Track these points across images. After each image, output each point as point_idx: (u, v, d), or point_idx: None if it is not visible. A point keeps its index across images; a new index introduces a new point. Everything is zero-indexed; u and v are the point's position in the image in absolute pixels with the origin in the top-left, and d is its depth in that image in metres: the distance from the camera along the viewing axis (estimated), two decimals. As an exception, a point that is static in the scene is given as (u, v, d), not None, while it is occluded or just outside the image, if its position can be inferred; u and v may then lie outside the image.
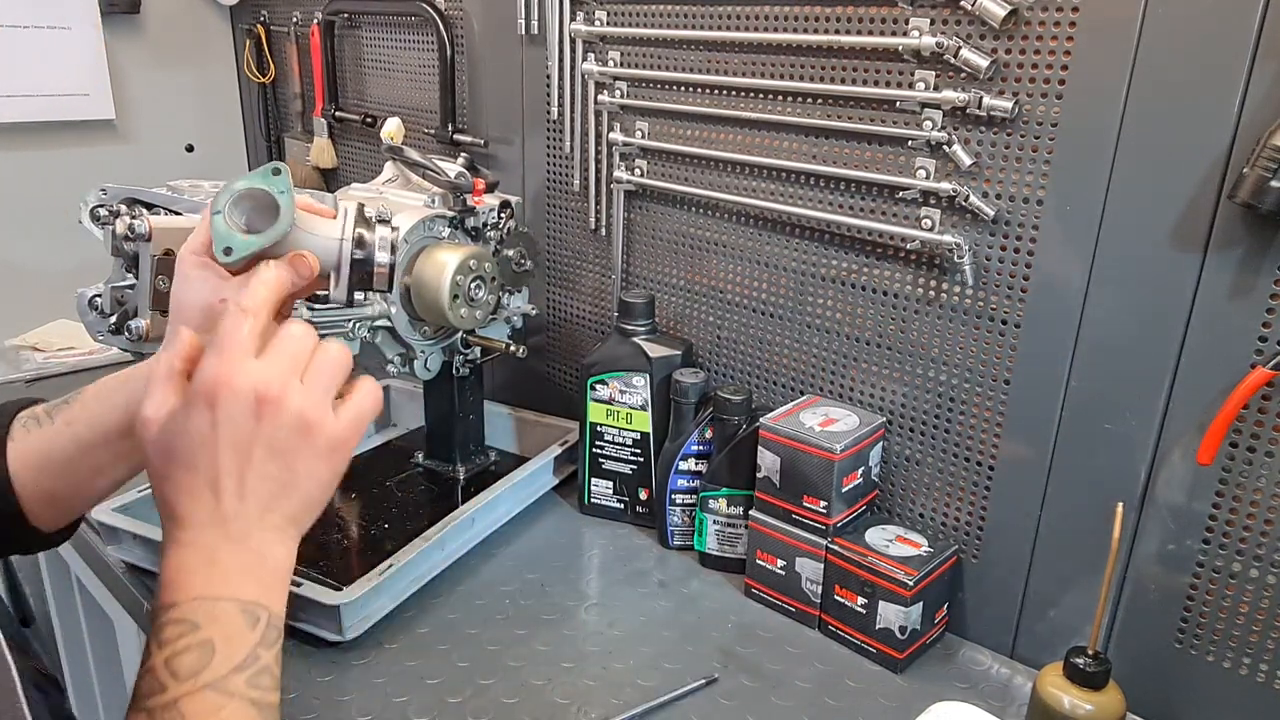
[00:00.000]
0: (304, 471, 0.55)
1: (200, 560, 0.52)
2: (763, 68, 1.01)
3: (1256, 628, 0.77)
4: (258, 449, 0.54)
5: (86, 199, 0.94)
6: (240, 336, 0.54)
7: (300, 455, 0.55)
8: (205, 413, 0.53)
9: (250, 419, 0.53)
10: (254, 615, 0.52)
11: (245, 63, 1.89)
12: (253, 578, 0.53)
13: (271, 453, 0.54)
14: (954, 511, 0.95)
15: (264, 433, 0.54)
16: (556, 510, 1.19)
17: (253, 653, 0.51)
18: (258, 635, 0.52)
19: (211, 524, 0.53)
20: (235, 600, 0.52)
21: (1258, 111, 0.69)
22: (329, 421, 0.56)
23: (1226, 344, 0.74)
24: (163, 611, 0.51)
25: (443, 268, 1.00)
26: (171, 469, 0.54)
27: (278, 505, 0.55)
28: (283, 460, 0.54)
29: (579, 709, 0.84)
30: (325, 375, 0.57)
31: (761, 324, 1.10)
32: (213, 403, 0.53)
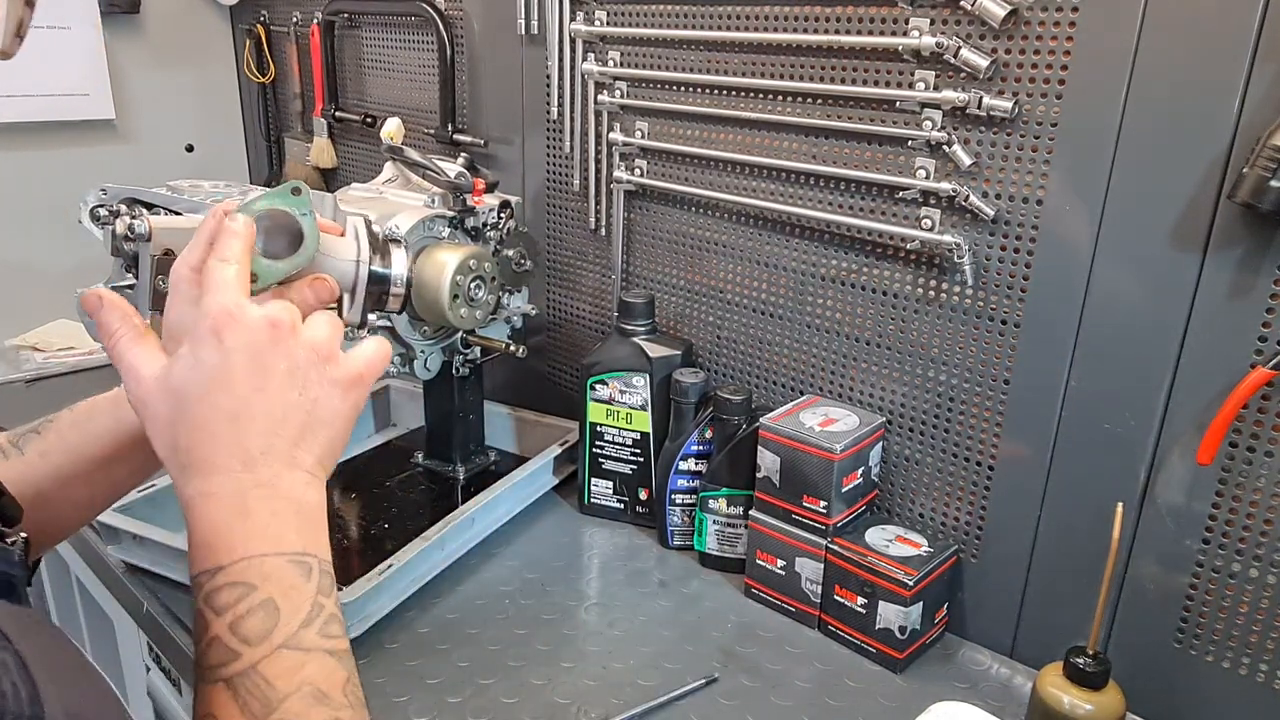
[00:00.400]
0: (324, 401, 0.53)
1: (233, 513, 0.50)
2: (763, 68, 1.01)
3: (1256, 628, 0.77)
4: (276, 375, 0.51)
5: (86, 199, 0.94)
6: (228, 276, 0.52)
7: (319, 382, 0.53)
8: (213, 343, 0.50)
9: (266, 342, 0.51)
10: (305, 565, 0.50)
11: (245, 63, 1.89)
12: (292, 527, 0.51)
13: (290, 378, 0.52)
14: (954, 511, 0.95)
15: (280, 355, 0.51)
16: (556, 510, 1.19)
17: (315, 603, 0.50)
18: (314, 585, 0.50)
19: (238, 466, 0.50)
20: (282, 554, 0.50)
21: (1258, 111, 0.69)
22: (342, 355, 0.55)
23: (1226, 344, 0.74)
24: (209, 576, 0.48)
25: (443, 268, 1.00)
26: (186, 411, 0.50)
27: (303, 442, 0.52)
28: (301, 387, 0.52)
29: (579, 709, 0.84)
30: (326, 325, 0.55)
31: (761, 324, 1.10)
32: (219, 331, 0.50)
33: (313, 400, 0.53)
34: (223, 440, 0.50)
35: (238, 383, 0.50)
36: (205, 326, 0.51)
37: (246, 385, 0.51)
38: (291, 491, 0.52)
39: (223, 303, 0.51)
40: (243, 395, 0.50)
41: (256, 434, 0.51)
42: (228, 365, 0.50)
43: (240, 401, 0.50)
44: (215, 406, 0.50)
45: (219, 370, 0.50)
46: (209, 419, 0.50)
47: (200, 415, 0.50)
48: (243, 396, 0.50)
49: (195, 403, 0.50)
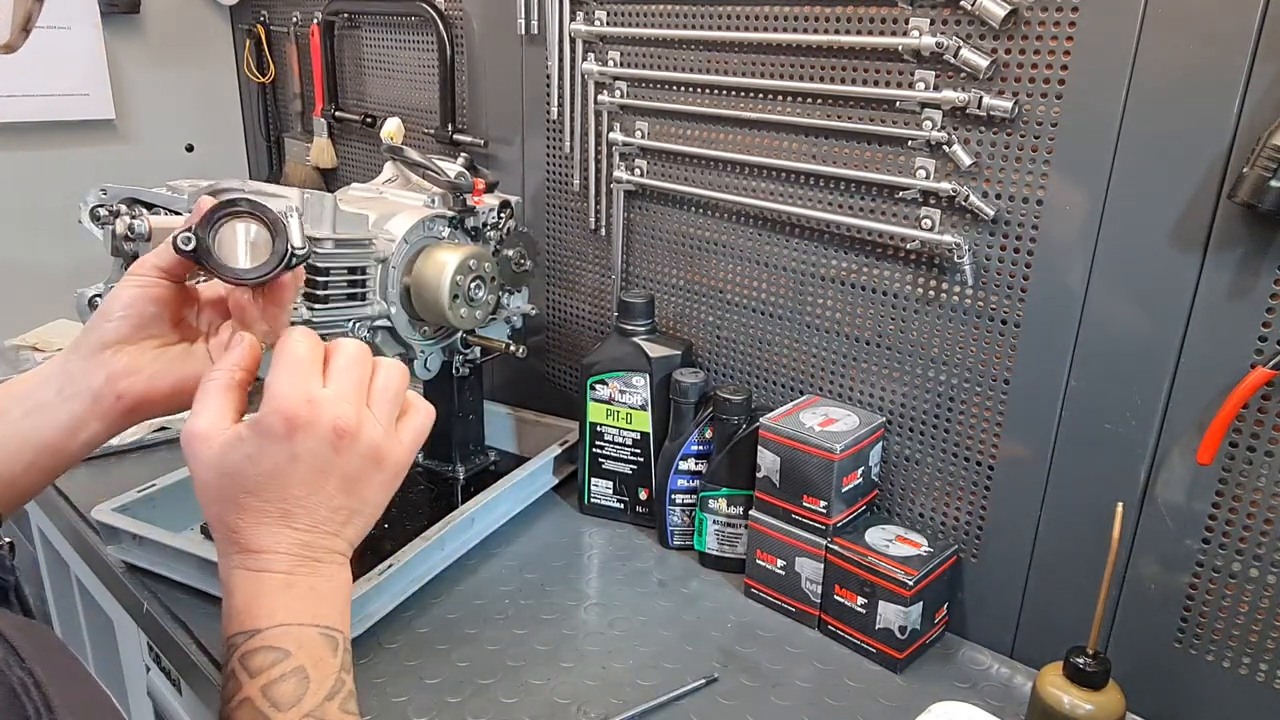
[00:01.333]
0: (370, 499, 0.56)
1: (276, 586, 0.52)
2: (763, 68, 1.01)
3: (1256, 627, 0.77)
4: (332, 481, 0.53)
5: (86, 199, 0.94)
6: (303, 355, 0.54)
7: (370, 484, 0.55)
8: (283, 444, 0.52)
9: (329, 452, 0.53)
10: (333, 640, 0.52)
11: (245, 63, 1.89)
12: (326, 602, 0.53)
13: (345, 484, 0.54)
14: (954, 511, 0.95)
15: (340, 465, 0.53)
16: (556, 510, 1.19)
17: (339, 678, 0.51)
18: (339, 660, 0.52)
19: (284, 550, 0.52)
20: (316, 626, 0.52)
21: (1258, 111, 0.69)
22: (395, 447, 0.56)
23: (1226, 344, 0.74)
24: (245, 639, 0.50)
25: (442, 268, 1.00)
26: (240, 497, 0.52)
27: (343, 531, 0.55)
28: (354, 490, 0.54)
29: (579, 709, 0.84)
30: (390, 399, 0.57)
31: (761, 324, 1.10)
32: (291, 435, 0.52)
33: (361, 499, 0.55)
34: (271, 530, 0.52)
35: (295, 485, 0.52)
36: (279, 420, 0.52)
37: (303, 488, 0.53)
38: (329, 570, 0.54)
39: (297, 397, 0.52)
40: (298, 497, 0.52)
41: (304, 528, 0.53)
42: (291, 471, 0.52)
43: (294, 502, 0.52)
44: (268, 501, 0.52)
45: (281, 472, 0.52)
46: (260, 510, 0.52)
47: (251, 505, 0.52)
48: (298, 498, 0.52)
49: (248, 494, 0.52)
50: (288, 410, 0.51)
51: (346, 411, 0.53)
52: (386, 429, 0.56)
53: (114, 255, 0.88)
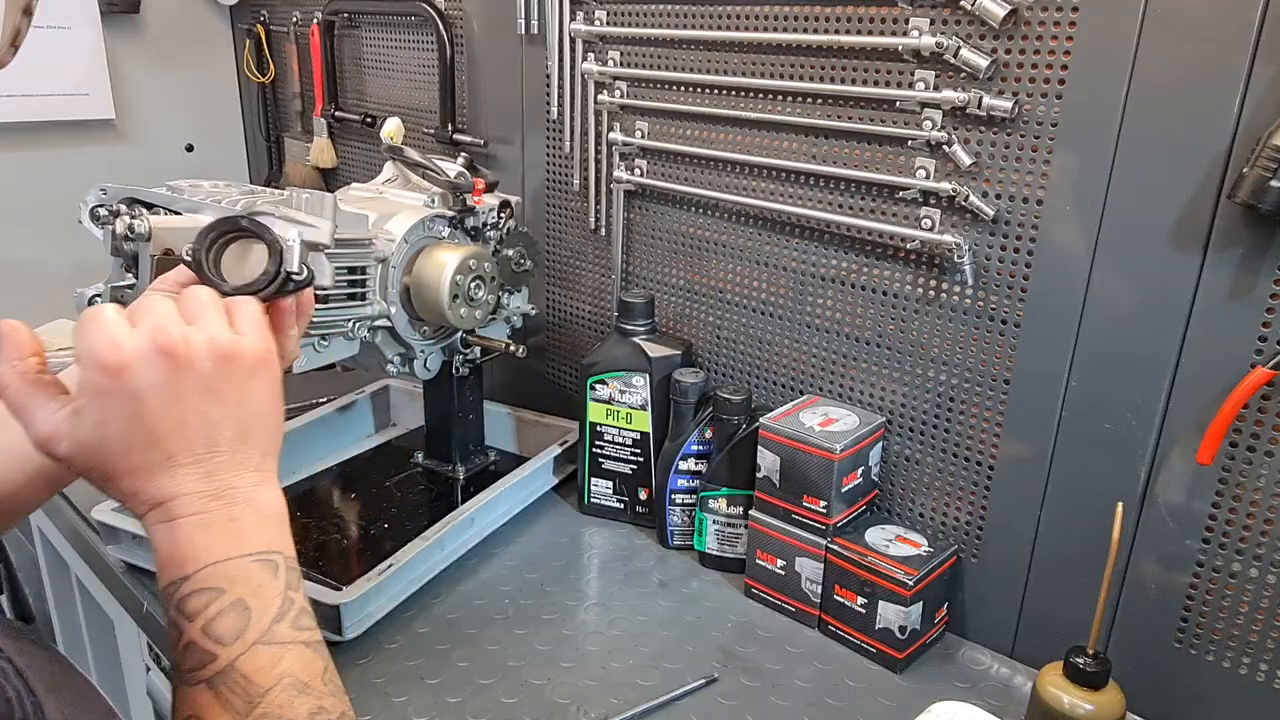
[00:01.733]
0: (249, 399, 0.52)
1: (192, 529, 0.49)
2: (763, 68, 1.01)
3: (1256, 627, 0.77)
4: (191, 399, 0.50)
5: (86, 199, 0.94)
6: (105, 313, 0.50)
7: (235, 383, 0.51)
8: (115, 390, 0.48)
9: (168, 373, 0.49)
10: (271, 563, 0.50)
11: (245, 62, 1.89)
12: (253, 528, 0.51)
13: (207, 395, 0.50)
14: (954, 511, 0.95)
15: (188, 380, 0.50)
16: (556, 510, 1.19)
17: (285, 598, 0.50)
18: (282, 581, 0.50)
19: (188, 489, 0.50)
20: (246, 555, 0.50)
21: (1258, 111, 0.69)
22: (239, 340, 0.52)
23: (1226, 344, 0.74)
24: (176, 587, 0.49)
25: (442, 267, 1.00)
26: (115, 465, 0.49)
27: (242, 446, 0.52)
28: (222, 397, 0.51)
29: (579, 708, 0.84)
30: (204, 306, 0.53)
31: (761, 324, 1.10)
32: (118, 379, 0.48)
33: (237, 403, 0.52)
34: (166, 475, 0.49)
35: (158, 424, 0.49)
36: (99, 371, 0.48)
37: (167, 423, 0.49)
38: (246, 493, 0.51)
39: (107, 343, 0.48)
40: (168, 433, 0.49)
41: (194, 462, 0.50)
42: (140, 410, 0.49)
43: (167, 439, 0.49)
44: (144, 454, 0.49)
45: (133, 418, 0.49)
46: (143, 465, 0.49)
47: (132, 465, 0.49)
48: (168, 434, 0.49)
49: (123, 457, 0.49)
50: (102, 359, 0.48)
51: (163, 329, 0.50)
52: (219, 327, 0.52)
53: (114, 255, 0.88)
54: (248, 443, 0.52)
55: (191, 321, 0.51)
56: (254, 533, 0.51)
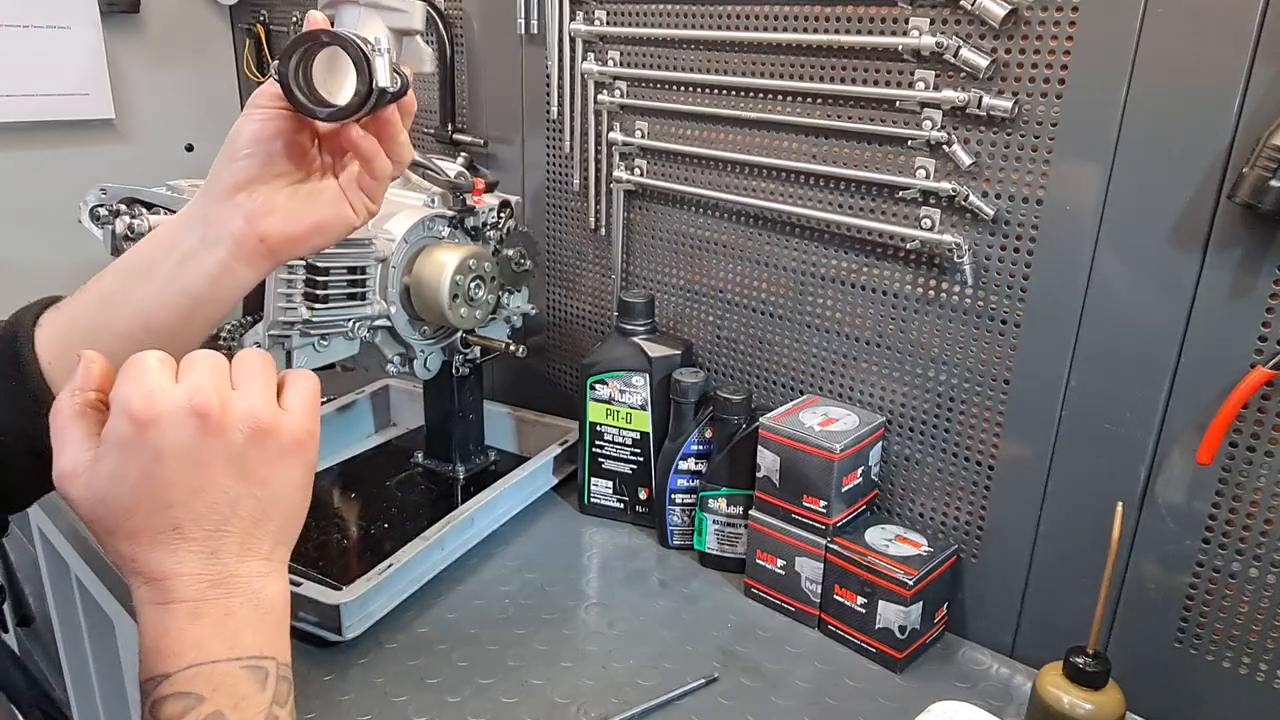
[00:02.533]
0: (275, 479, 0.48)
1: (185, 618, 0.45)
2: (763, 68, 1.01)
3: (1256, 627, 0.77)
4: (216, 470, 0.46)
5: (86, 199, 0.94)
6: (148, 362, 0.47)
7: (265, 461, 0.48)
8: (139, 445, 0.45)
9: (196, 438, 0.45)
10: (260, 671, 0.46)
11: (245, 62, 1.89)
12: (248, 627, 0.47)
13: (233, 469, 0.47)
14: (954, 511, 0.95)
15: (216, 449, 0.46)
16: (556, 510, 1.19)
17: (268, 716, 0.46)
18: (269, 694, 0.46)
19: (188, 569, 0.46)
20: (236, 659, 0.46)
21: (1258, 111, 0.69)
22: (283, 416, 0.49)
23: (1226, 344, 0.74)
24: (154, 685, 0.45)
25: (442, 267, 1.00)
26: (118, 523, 0.46)
27: (257, 530, 0.48)
28: (247, 473, 0.47)
29: (579, 708, 0.84)
30: (256, 375, 0.49)
31: (761, 324, 1.10)
32: (144, 432, 0.45)
33: (260, 482, 0.48)
34: (168, 547, 0.46)
35: (173, 489, 0.45)
36: (126, 422, 0.45)
37: (182, 490, 0.46)
38: (249, 586, 0.47)
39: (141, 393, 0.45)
40: (181, 501, 0.46)
41: (203, 538, 0.46)
42: (159, 473, 0.45)
43: (179, 507, 0.46)
44: (151, 518, 0.45)
45: (149, 478, 0.45)
46: (148, 530, 0.46)
47: (136, 527, 0.46)
48: (181, 501, 0.46)
49: (127, 516, 0.46)
50: (132, 409, 0.45)
51: (202, 390, 0.46)
52: (264, 400, 0.48)
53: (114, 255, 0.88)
54: (261, 527, 0.48)
55: (237, 387, 0.48)
56: (249, 633, 0.47)
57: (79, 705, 1.56)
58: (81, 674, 1.50)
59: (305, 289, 0.91)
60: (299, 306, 0.90)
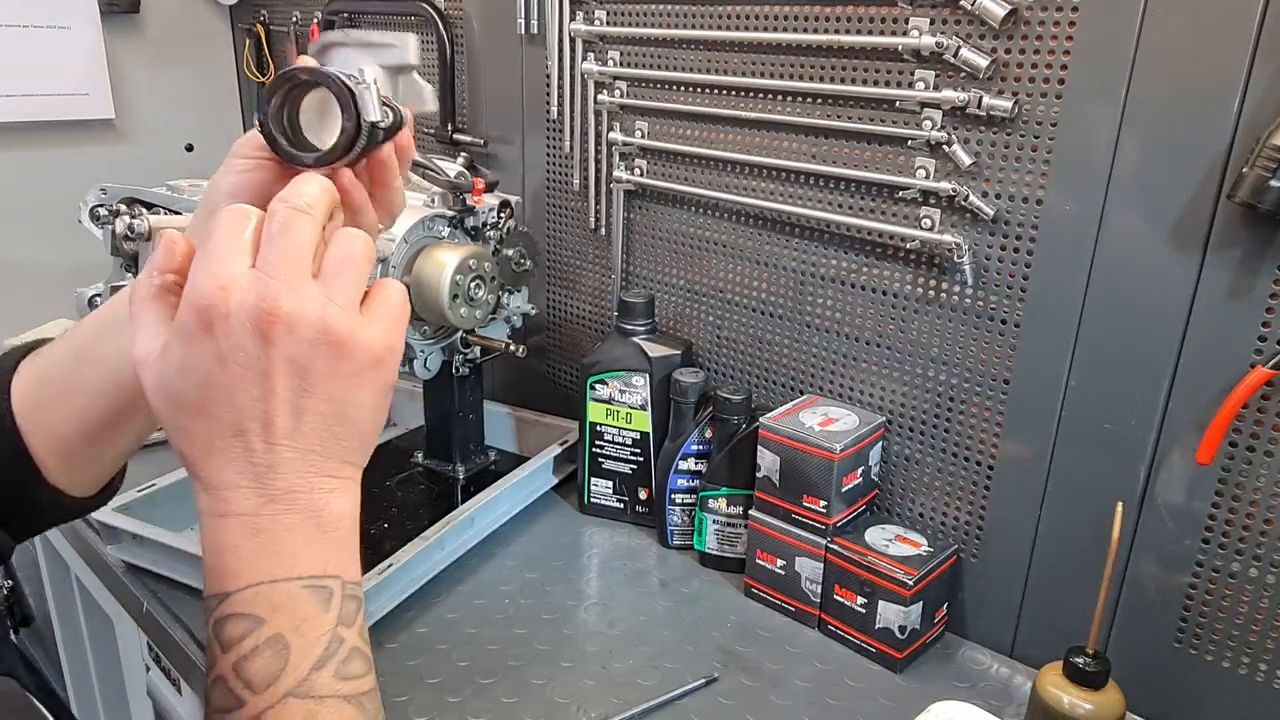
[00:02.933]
0: (348, 396, 0.44)
1: (243, 533, 0.43)
2: (763, 68, 1.01)
3: (1256, 627, 0.77)
4: (279, 379, 0.43)
5: (86, 198, 0.94)
6: (229, 236, 0.43)
7: (338, 377, 0.44)
8: (204, 342, 0.42)
9: (259, 344, 0.42)
10: (324, 590, 0.43)
11: (245, 62, 1.89)
12: (312, 543, 0.44)
13: (297, 381, 0.43)
14: (954, 511, 0.95)
15: (280, 357, 0.42)
16: (556, 510, 1.19)
17: (333, 637, 0.43)
18: (334, 614, 0.43)
19: (247, 483, 0.43)
20: (297, 579, 0.43)
21: (1258, 111, 0.69)
22: (361, 330, 0.44)
23: (1226, 344, 0.74)
24: (216, 604, 0.43)
25: (442, 267, 1.00)
26: (183, 419, 0.43)
27: (324, 445, 0.44)
28: (315, 386, 0.43)
29: (579, 708, 0.84)
30: (347, 272, 0.45)
31: (761, 324, 1.10)
32: (208, 327, 0.42)
33: (328, 398, 0.44)
34: (227, 456, 0.43)
35: (235, 395, 0.42)
36: (192, 313, 0.42)
37: (245, 397, 0.42)
38: (313, 500, 0.44)
39: (209, 281, 0.42)
40: (243, 408, 0.43)
41: (263, 450, 0.43)
42: (223, 373, 0.42)
43: (241, 416, 0.43)
44: (214, 419, 0.43)
45: (211, 383, 0.42)
46: (209, 433, 0.43)
47: (199, 429, 0.43)
48: (243, 409, 0.43)
49: (191, 415, 0.43)
50: (200, 300, 0.42)
51: (271, 290, 0.42)
52: (345, 308, 0.44)
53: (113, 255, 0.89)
54: (327, 445, 0.45)
55: (322, 278, 0.44)
56: (310, 550, 0.44)
57: (79, 705, 1.57)
58: (81, 674, 1.50)
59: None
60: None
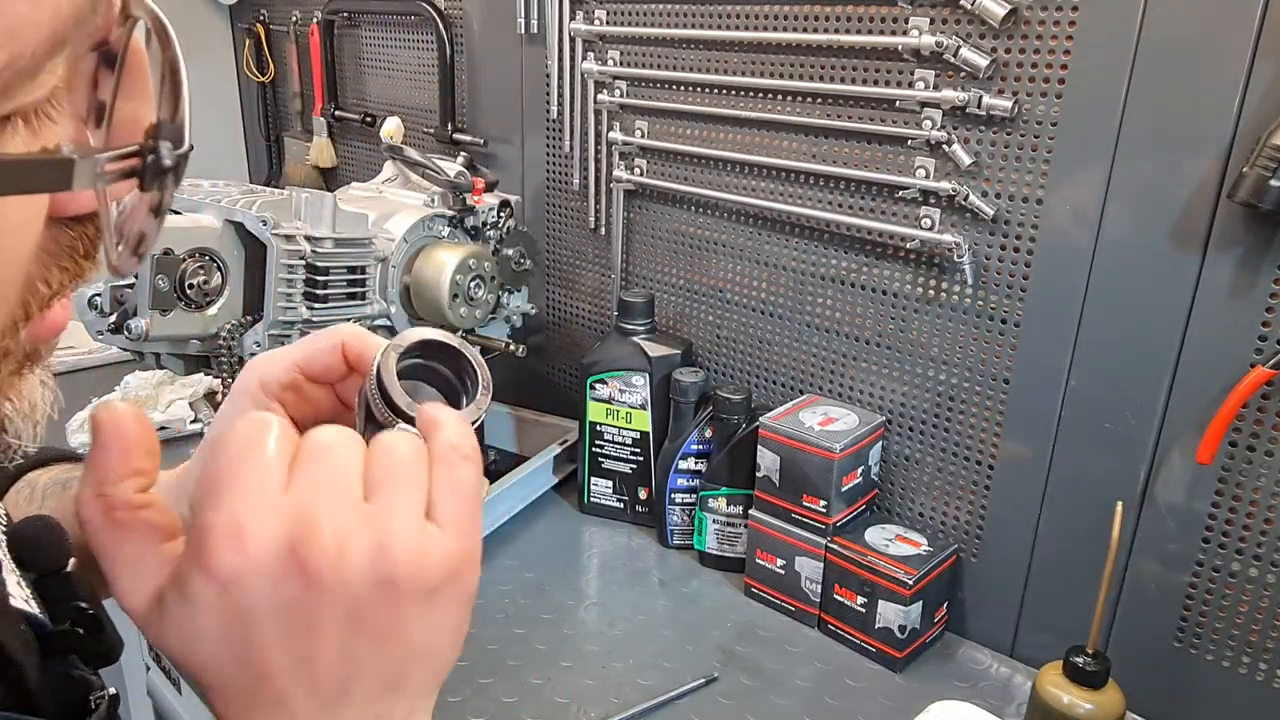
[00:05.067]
0: (410, 634, 0.35)
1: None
2: (763, 67, 1.01)
3: (1256, 626, 0.77)
4: (326, 633, 0.33)
5: (86, 198, 0.94)
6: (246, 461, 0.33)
7: (399, 616, 0.34)
8: (219, 609, 0.32)
9: (300, 595, 0.32)
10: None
11: (245, 62, 1.89)
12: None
13: (352, 628, 0.33)
14: (954, 511, 0.95)
15: (327, 607, 0.33)
16: (556, 510, 1.19)
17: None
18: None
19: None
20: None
21: (1257, 111, 0.69)
22: (428, 546, 0.34)
23: (1226, 343, 0.74)
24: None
25: (442, 267, 1.00)
26: (201, 678, 0.34)
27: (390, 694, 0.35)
28: (375, 633, 0.34)
29: (578, 708, 0.84)
30: (400, 481, 0.34)
31: (761, 323, 1.10)
32: (226, 592, 0.32)
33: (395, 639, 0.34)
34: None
35: (270, 656, 0.33)
36: (198, 581, 0.32)
37: (285, 657, 0.33)
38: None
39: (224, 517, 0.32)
40: (283, 670, 0.33)
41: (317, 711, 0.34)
42: (248, 639, 0.33)
43: (282, 680, 0.33)
44: (244, 688, 0.33)
45: (234, 646, 0.33)
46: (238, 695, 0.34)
47: (226, 692, 0.34)
48: (284, 671, 0.33)
49: (214, 679, 0.34)
50: (211, 560, 0.32)
51: (311, 532, 0.32)
52: (405, 527, 0.34)
53: (114, 255, 0.88)
54: (398, 690, 0.35)
55: (372, 499, 0.34)
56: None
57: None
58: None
59: (305, 289, 0.91)
60: (299, 306, 0.90)
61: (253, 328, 0.89)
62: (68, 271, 0.30)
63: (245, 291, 0.90)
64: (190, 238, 0.86)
